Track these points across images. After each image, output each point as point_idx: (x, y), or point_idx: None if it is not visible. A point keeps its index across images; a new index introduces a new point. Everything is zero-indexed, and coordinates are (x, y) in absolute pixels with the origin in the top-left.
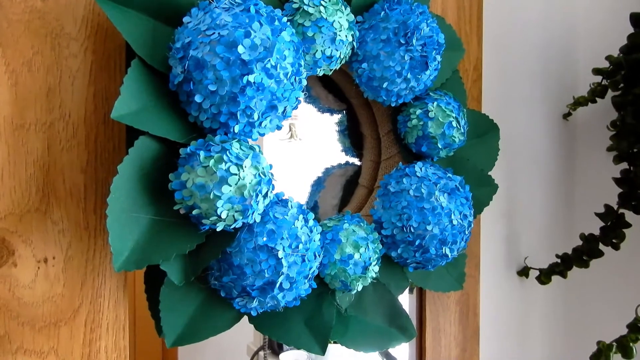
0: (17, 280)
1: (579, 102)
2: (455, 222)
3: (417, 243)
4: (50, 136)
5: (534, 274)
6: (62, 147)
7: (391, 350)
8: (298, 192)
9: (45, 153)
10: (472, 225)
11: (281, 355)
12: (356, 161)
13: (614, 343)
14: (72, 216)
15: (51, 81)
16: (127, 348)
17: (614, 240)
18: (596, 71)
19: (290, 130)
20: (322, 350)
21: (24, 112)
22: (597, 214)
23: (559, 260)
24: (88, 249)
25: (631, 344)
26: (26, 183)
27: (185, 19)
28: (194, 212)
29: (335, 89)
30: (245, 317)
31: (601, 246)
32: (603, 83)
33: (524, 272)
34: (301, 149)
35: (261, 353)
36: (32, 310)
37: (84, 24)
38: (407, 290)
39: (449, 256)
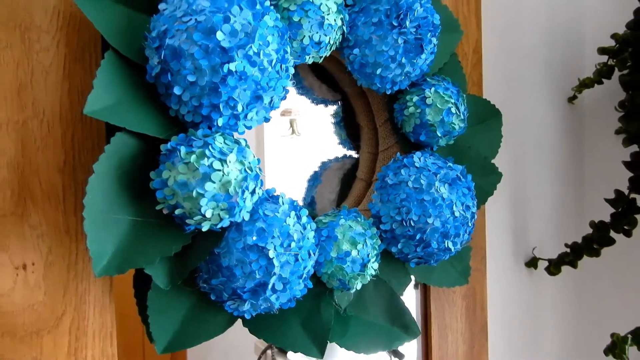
0: None
1: (584, 84)
2: (457, 214)
3: (417, 237)
4: (24, 135)
5: (542, 264)
6: (37, 146)
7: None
8: (300, 188)
9: (19, 153)
10: (476, 217)
11: (289, 354)
12: (353, 154)
13: (629, 335)
14: (50, 219)
15: (22, 77)
16: (115, 355)
17: (625, 227)
18: (602, 50)
19: (291, 126)
20: (321, 353)
21: None
22: (607, 200)
23: (568, 250)
24: (70, 253)
25: None
26: (0, 186)
27: (161, 6)
28: (177, 211)
29: (329, 79)
30: None
31: (612, 233)
32: (609, 63)
33: (532, 263)
34: (303, 144)
35: (269, 351)
36: (11, 319)
37: (55, 14)
38: (412, 286)
39: (452, 250)
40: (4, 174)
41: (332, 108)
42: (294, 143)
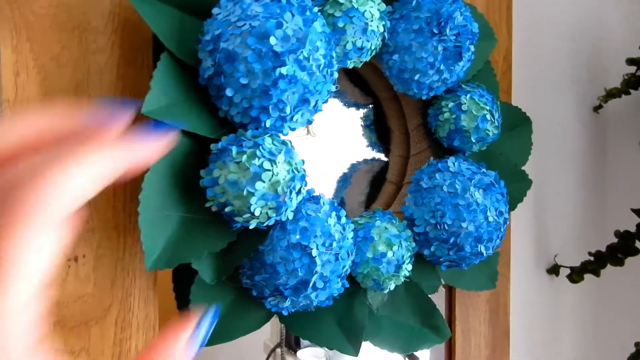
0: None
1: (611, 94)
2: (491, 219)
3: (451, 241)
4: None
5: (564, 272)
6: None
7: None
8: (320, 190)
9: None
10: (508, 222)
11: (298, 353)
12: (382, 157)
13: None
14: (101, 214)
15: (79, 76)
16: None
17: None
18: (630, 61)
19: (306, 127)
20: (356, 351)
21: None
22: (633, 210)
23: (591, 258)
24: (118, 247)
25: None
26: None
27: (215, 11)
28: (227, 209)
29: (361, 83)
30: None
31: (637, 243)
32: (637, 73)
33: (553, 270)
34: (317, 145)
35: (278, 350)
36: (62, 310)
37: (110, 17)
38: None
39: (484, 254)
40: None
41: (357, 111)
42: (309, 143)
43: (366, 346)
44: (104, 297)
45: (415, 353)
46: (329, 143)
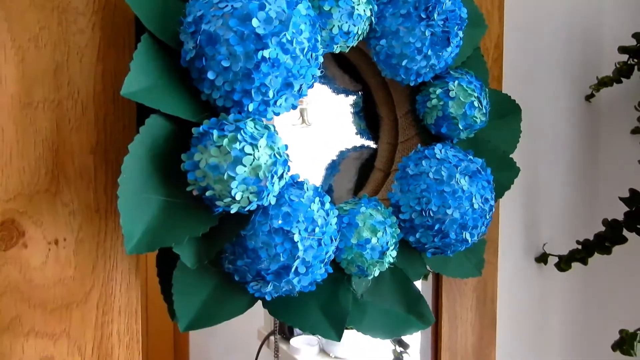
0: (27, 262)
1: (603, 83)
2: (476, 206)
3: (436, 227)
4: (59, 115)
5: (552, 260)
6: (71, 126)
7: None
8: (310, 177)
9: (54, 132)
10: (494, 210)
11: (292, 340)
12: (371, 144)
13: (638, 332)
14: (82, 198)
15: (59, 58)
16: (139, 332)
17: (638, 226)
18: (622, 49)
19: (301, 115)
20: (338, 337)
21: (31, 90)
22: (621, 199)
23: (579, 247)
24: (99, 231)
25: None
26: (35, 163)
27: None
28: (207, 193)
29: (351, 69)
30: (258, 303)
31: (625, 232)
32: (629, 62)
33: (542, 258)
34: (312, 134)
35: (272, 338)
36: (43, 293)
37: None
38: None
39: (469, 241)
40: (39, 152)
41: (347, 98)
42: (304, 132)
43: (357, 333)
44: (85, 280)
45: (404, 339)
46: (325, 132)
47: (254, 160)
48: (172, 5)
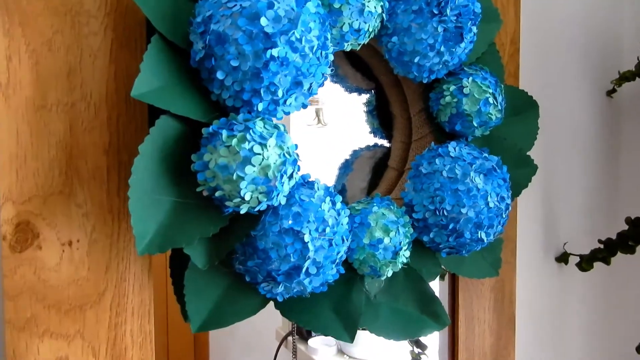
0: (42, 263)
1: (625, 77)
2: (491, 205)
3: (450, 227)
4: (72, 117)
5: (573, 260)
6: (84, 128)
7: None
8: (325, 177)
9: (67, 134)
10: (510, 208)
11: (310, 341)
12: (385, 143)
13: None
14: (95, 199)
15: (72, 60)
16: (152, 332)
17: None
18: None
19: (317, 115)
20: (351, 338)
21: (45, 92)
22: None
23: (601, 246)
24: (112, 232)
25: None
26: (49, 165)
27: None
28: (217, 193)
29: (364, 67)
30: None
31: None
32: None
33: (562, 258)
34: (328, 134)
35: (290, 338)
36: (57, 293)
37: (103, 0)
38: (437, 277)
39: (485, 241)
40: (53, 153)
41: (361, 98)
42: (319, 132)
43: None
44: (99, 281)
45: (422, 340)
46: (341, 132)
47: (263, 160)
48: (182, 6)
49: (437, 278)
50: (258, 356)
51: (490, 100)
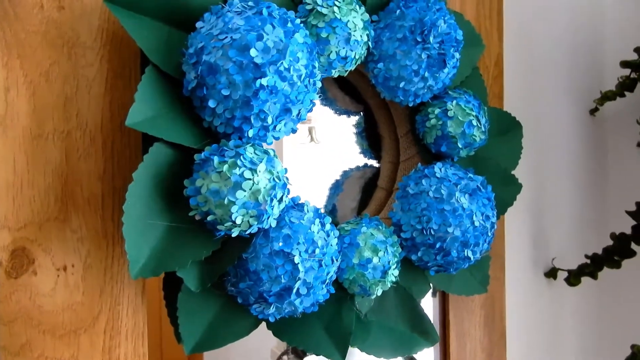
0: (37, 289)
1: (606, 97)
2: (477, 224)
3: (437, 246)
4: (68, 145)
5: (562, 275)
6: (80, 155)
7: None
8: (318, 195)
9: (63, 162)
10: (496, 227)
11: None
12: (375, 163)
13: None
14: (90, 224)
15: (68, 91)
16: (146, 355)
17: None
18: (624, 64)
19: (310, 134)
20: (342, 357)
21: (42, 122)
22: (628, 212)
23: (588, 261)
24: (106, 256)
25: None
26: (45, 192)
27: (199, 24)
28: (209, 218)
29: (352, 90)
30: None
31: (633, 245)
32: (632, 76)
33: (551, 273)
34: (321, 152)
35: (285, 357)
36: (52, 319)
37: (99, 32)
38: (429, 294)
39: (472, 259)
40: (49, 181)
41: (353, 118)
42: (312, 151)
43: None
44: (93, 305)
45: (414, 357)
46: (333, 150)
47: (253, 184)
48: (174, 37)
49: (430, 295)
50: None
51: (474, 122)
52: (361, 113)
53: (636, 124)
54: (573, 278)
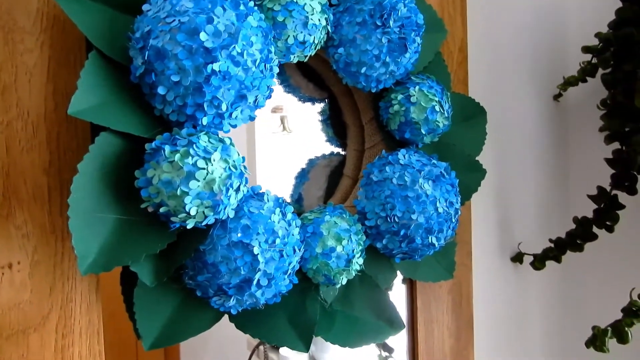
0: None
1: (569, 82)
2: (441, 210)
3: (402, 233)
4: (9, 136)
5: (528, 259)
6: (22, 147)
7: (388, 341)
8: (290, 184)
9: (3, 154)
10: (460, 213)
11: (281, 349)
12: (340, 151)
13: (609, 328)
14: (36, 220)
15: (6, 78)
16: (102, 353)
17: (607, 223)
18: (585, 49)
19: (282, 123)
20: (306, 347)
21: None
22: (589, 197)
23: (552, 245)
24: (55, 252)
25: (626, 328)
26: None
27: (145, 7)
28: (162, 209)
29: (316, 77)
30: None
31: (595, 229)
32: (593, 61)
33: (518, 258)
34: (293, 141)
35: (261, 347)
36: None
37: (38, 16)
38: (399, 281)
39: (436, 245)
40: None
41: (318, 106)
42: (285, 140)
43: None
44: (43, 303)
45: (388, 343)
46: (306, 139)
47: (207, 174)
48: (120, 21)
49: (401, 282)
50: None
51: (437, 108)
52: (326, 100)
53: (597, 109)
54: (538, 262)
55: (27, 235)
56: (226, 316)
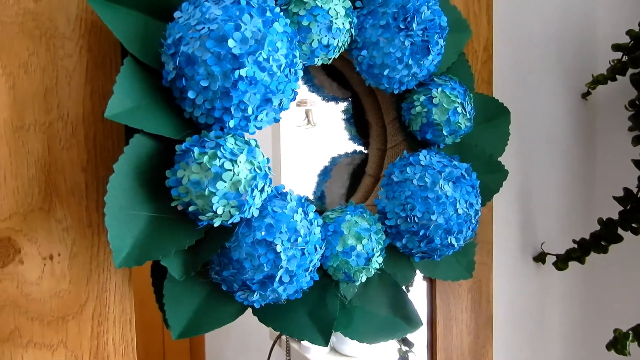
0: (24, 277)
1: (598, 81)
2: (460, 211)
3: (421, 233)
4: (50, 136)
5: (550, 260)
6: (62, 146)
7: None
8: (314, 177)
9: (45, 153)
10: (480, 214)
11: (303, 340)
12: (363, 149)
13: (630, 331)
14: (74, 214)
15: (48, 82)
16: (134, 339)
17: (633, 225)
18: (616, 47)
19: (306, 116)
20: (325, 342)
21: (22, 113)
22: (615, 198)
23: (576, 246)
24: (92, 245)
25: None
26: (28, 183)
27: (176, 14)
28: (191, 208)
29: (340, 77)
30: None
31: (620, 231)
32: (623, 60)
33: (540, 257)
34: (317, 135)
35: (283, 337)
36: (40, 306)
37: (77, 22)
38: (421, 278)
39: (455, 246)
40: (32, 172)
41: (342, 104)
42: (309, 133)
43: None
44: (80, 293)
45: (408, 338)
46: (330, 133)
47: (233, 175)
48: (153, 27)
49: (422, 279)
50: (253, 355)
51: (459, 109)
52: (349, 99)
53: (626, 109)
54: (561, 262)
55: (67, 228)
56: (249, 309)
